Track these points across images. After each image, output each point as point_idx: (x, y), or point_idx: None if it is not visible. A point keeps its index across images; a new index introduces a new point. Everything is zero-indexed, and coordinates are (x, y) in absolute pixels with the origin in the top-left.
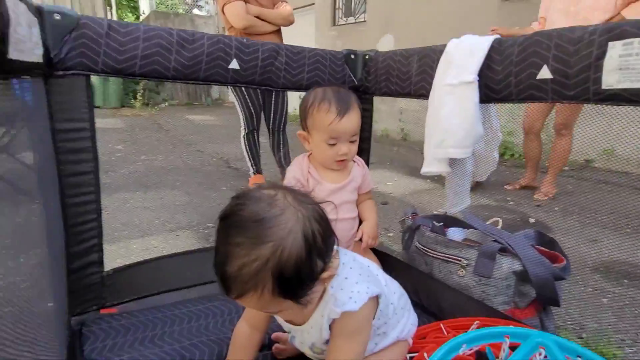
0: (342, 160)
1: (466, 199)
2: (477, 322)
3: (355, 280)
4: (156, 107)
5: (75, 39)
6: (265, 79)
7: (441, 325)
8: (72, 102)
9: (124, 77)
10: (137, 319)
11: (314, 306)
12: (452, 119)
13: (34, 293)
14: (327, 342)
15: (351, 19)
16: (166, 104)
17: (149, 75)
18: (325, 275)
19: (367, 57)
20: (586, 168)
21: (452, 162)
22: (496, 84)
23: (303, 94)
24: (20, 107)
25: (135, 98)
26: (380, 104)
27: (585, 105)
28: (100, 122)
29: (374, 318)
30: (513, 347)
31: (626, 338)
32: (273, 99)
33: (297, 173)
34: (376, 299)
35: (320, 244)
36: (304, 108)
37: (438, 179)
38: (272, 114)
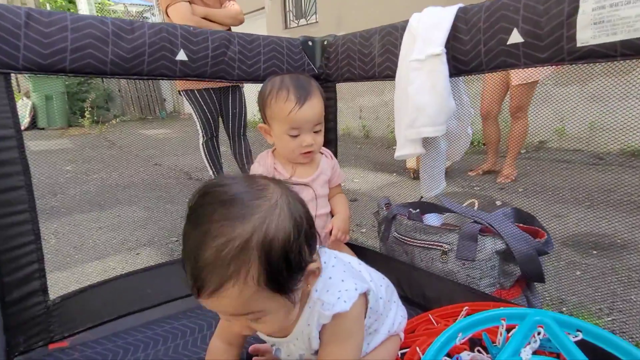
0: (308, 152)
1: (442, 182)
2: (467, 307)
3: (340, 278)
4: (106, 124)
5: None
6: (218, 70)
7: (430, 315)
8: None
9: (53, 74)
10: (93, 350)
11: (297, 315)
12: (422, 96)
13: None
14: (317, 352)
15: (303, 21)
16: (117, 120)
17: (83, 71)
18: (312, 266)
19: (325, 42)
20: (541, 149)
21: (426, 143)
22: (464, 54)
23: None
24: None
25: (83, 116)
26: (340, 102)
27: (537, 88)
28: (45, 144)
29: (365, 317)
30: (510, 329)
31: (603, 307)
32: (230, 102)
33: (261, 171)
34: (365, 295)
35: (306, 226)
36: (262, 98)
37: (404, 172)
38: (230, 118)
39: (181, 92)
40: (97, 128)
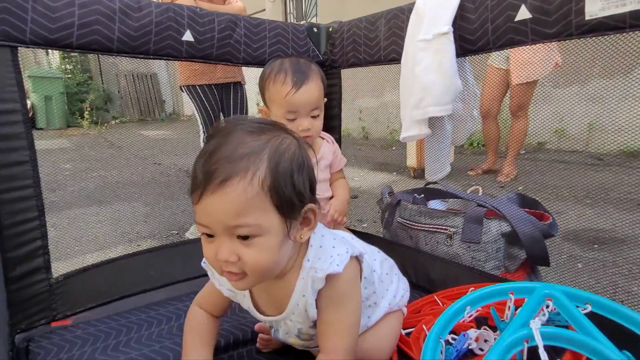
0: (305, 137)
1: (447, 165)
2: (472, 288)
3: (331, 245)
4: (105, 124)
5: None
6: (224, 52)
7: (435, 297)
8: None
9: (59, 49)
10: (95, 328)
11: (291, 289)
12: (429, 76)
13: None
14: (315, 323)
15: (303, 23)
16: (117, 121)
17: (90, 46)
18: (311, 205)
19: (330, 29)
20: (540, 150)
21: (431, 125)
22: (471, 33)
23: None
24: None
25: (82, 117)
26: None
27: (536, 88)
28: (44, 144)
29: (360, 282)
30: (518, 306)
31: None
32: (232, 98)
33: None
34: (358, 261)
35: (310, 171)
36: (262, 81)
37: (404, 171)
38: (231, 112)
39: (183, 88)
40: (96, 129)
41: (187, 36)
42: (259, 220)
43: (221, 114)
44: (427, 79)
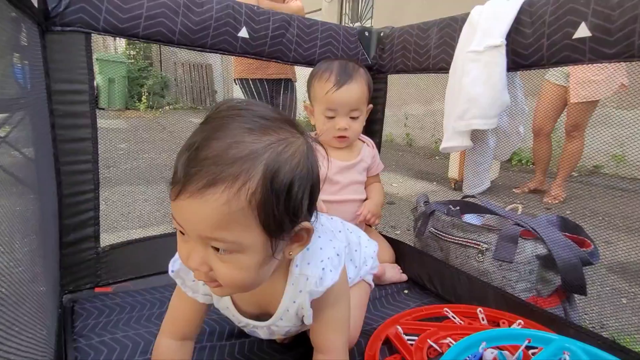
0: (342, 137)
1: (486, 180)
2: (480, 309)
3: (318, 246)
4: (160, 109)
5: None
6: (276, 50)
7: (446, 309)
8: (70, 61)
9: (127, 38)
10: (133, 298)
11: (278, 295)
12: (476, 87)
13: (27, 277)
14: (303, 324)
15: (358, 24)
16: (170, 107)
17: (154, 37)
18: (305, 224)
19: (381, 34)
20: (595, 174)
21: (474, 138)
22: (525, 48)
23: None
24: (21, 92)
25: (139, 100)
26: (385, 108)
27: (596, 109)
28: (104, 123)
29: None
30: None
31: None
32: (282, 94)
33: None
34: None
35: (315, 180)
36: (309, 78)
37: (444, 182)
38: (280, 108)
39: (236, 80)
40: (151, 113)
41: (243, 32)
42: (239, 237)
43: None
44: (474, 91)
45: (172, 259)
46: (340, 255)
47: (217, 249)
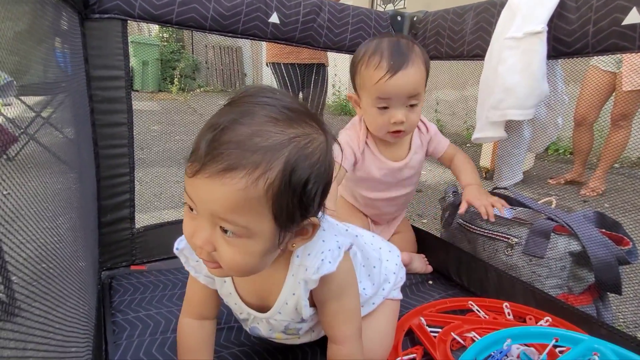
0: (397, 132)
1: (519, 173)
2: (507, 304)
3: (320, 237)
4: (191, 92)
5: None
6: (306, 36)
7: (470, 302)
8: (107, 48)
9: (161, 24)
10: (165, 277)
11: (279, 285)
12: (513, 76)
13: (68, 252)
14: (302, 320)
15: (390, 6)
16: (201, 89)
17: (186, 23)
18: (314, 220)
19: (414, 18)
20: (639, 166)
21: (508, 128)
22: (568, 35)
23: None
24: (63, 78)
25: (172, 83)
26: None
27: None
28: (138, 105)
29: None
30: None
31: None
32: (313, 79)
33: (352, 140)
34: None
35: (328, 180)
36: (353, 64)
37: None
38: (310, 95)
39: (268, 64)
40: (183, 95)
41: (274, 18)
42: (250, 223)
43: (300, 93)
44: (511, 80)
45: (178, 238)
46: (341, 249)
47: (225, 231)
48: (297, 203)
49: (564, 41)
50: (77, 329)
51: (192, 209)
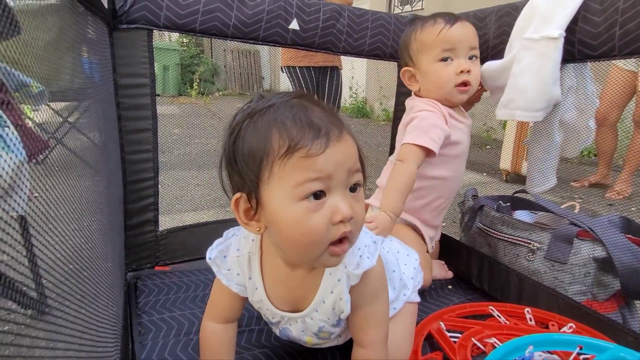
0: (465, 85)
1: (552, 177)
2: (528, 309)
3: None
4: (210, 96)
5: None
6: (326, 41)
7: (491, 307)
8: (134, 57)
9: (185, 33)
10: (188, 278)
11: (316, 284)
12: (524, 77)
13: (97, 253)
14: (338, 322)
15: (407, 8)
16: (220, 93)
17: (209, 32)
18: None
19: None
20: None
21: (538, 133)
22: (594, 38)
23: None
24: (89, 84)
25: (191, 87)
26: None
27: None
28: (159, 109)
29: None
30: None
31: None
32: (327, 81)
33: (437, 118)
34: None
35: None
36: (404, 41)
37: (495, 173)
38: (326, 97)
39: (283, 68)
40: (202, 99)
41: (294, 24)
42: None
43: (315, 95)
44: (522, 81)
45: (209, 247)
46: (377, 243)
47: (353, 190)
48: (359, 148)
49: (590, 44)
50: (106, 328)
51: (316, 198)
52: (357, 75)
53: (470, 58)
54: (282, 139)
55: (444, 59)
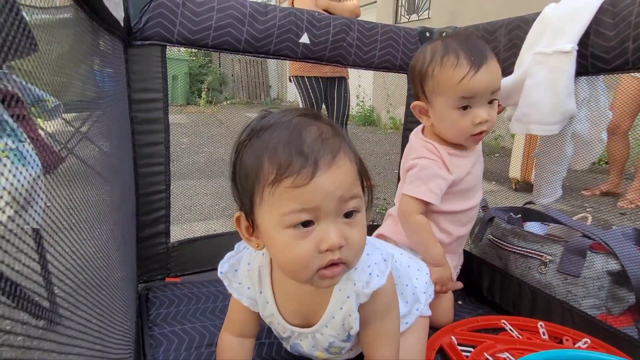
0: (480, 134)
1: (558, 189)
2: (542, 324)
3: (365, 252)
4: (218, 105)
5: (153, 9)
6: (336, 55)
7: (503, 321)
8: (148, 72)
9: (197, 49)
10: (199, 290)
11: (326, 300)
12: (538, 92)
13: (106, 263)
14: (348, 337)
15: (414, 17)
16: (227, 102)
17: (221, 47)
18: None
19: (444, 34)
20: None
21: (549, 145)
22: (606, 52)
23: (361, 93)
24: (101, 95)
25: (200, 96)
26: None
27: None
28: (169, 119)
29: None
30: None
31: None
32: (336, 91)
33: (438, 166)
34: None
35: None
36: (419, 70)
37: (504, 181)
38: (334, 107)
39: (291, 78)
40: (210, 108)
41: (304, 39)
42: (360, 193)
43: (323, 105)
44: (536, 96)
45: (221, 261)
46: (388, 261)
47: (347, 216)
48: (363, 169)
49: (603, 58)
50: (118, 338)
51: (304, 226)
52: (364, 84)
53: (490, 102)
54: (271, 166)
55: (463, 107)
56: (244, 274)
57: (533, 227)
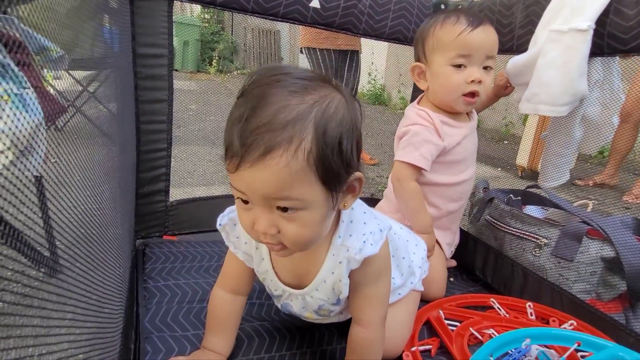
0: (472, 95)
1: (565, 173)
2: (530, 304)
3: (362, 220)
4: (228, 74)
5: None
6: (346, 22)
7: (492, 299)
8: (153, 27)
9: (205, 5)
10: (194, 249)
11: (318, 264)
12: (549, 71)
13: (108, 219)
14: (337, 301)
15: None
16: (238, 71)
17: (229, 5)
18: (358, 174)
19: (459, 7)
20: None
21: (557, 128)
22: (625, 32)
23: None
24: (109, 53)
25: (210, 64)
26: None
27: None
28: (177, 84)
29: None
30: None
31: None
32: (347, 64)
33: (430, 132)
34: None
35: (359, 133)
36: (421, 33)
37: (510, 168)
38: (344, 80)
39: (303, 49)
40: (220, 76)
41: (315, 3)
42: (303, 194)
43: (334, 78)
44: (547, 75)
45: (221, 214)
46: (383, 231)
47: (284, 210)
48: (338, 162)
49: (620, 38)
50: (113, 290)
51: (244, 202)
52: (377, 61)
53: (485, 68)
54: (224, 139)
55: (458, 65)
56: (242, 228)
57: (532, 210)
